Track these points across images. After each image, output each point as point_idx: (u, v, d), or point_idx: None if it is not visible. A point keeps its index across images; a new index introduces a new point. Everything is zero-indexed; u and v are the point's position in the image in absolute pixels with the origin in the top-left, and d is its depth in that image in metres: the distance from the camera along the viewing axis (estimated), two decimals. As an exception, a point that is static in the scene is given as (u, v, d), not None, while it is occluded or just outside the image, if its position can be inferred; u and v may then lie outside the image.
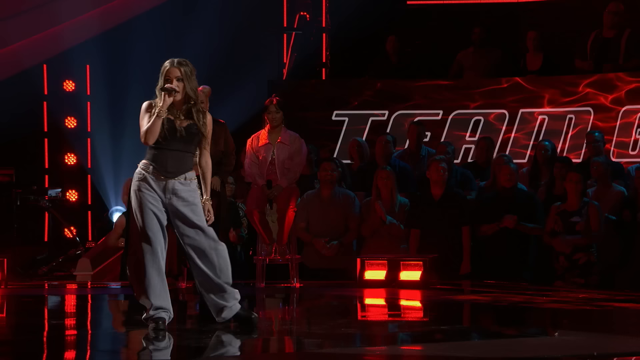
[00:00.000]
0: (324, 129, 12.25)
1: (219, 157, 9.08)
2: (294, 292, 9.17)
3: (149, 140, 6.30)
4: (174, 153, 6.35)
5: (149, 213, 6.34)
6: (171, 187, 6.35)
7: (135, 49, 12.46)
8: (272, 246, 9.32)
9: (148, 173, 6.35)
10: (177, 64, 6.37)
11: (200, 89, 8.99)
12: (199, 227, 6.45)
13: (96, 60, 12.71)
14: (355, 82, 12.74)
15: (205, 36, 12.58)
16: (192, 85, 6.40)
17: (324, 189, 10.03)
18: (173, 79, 6.34)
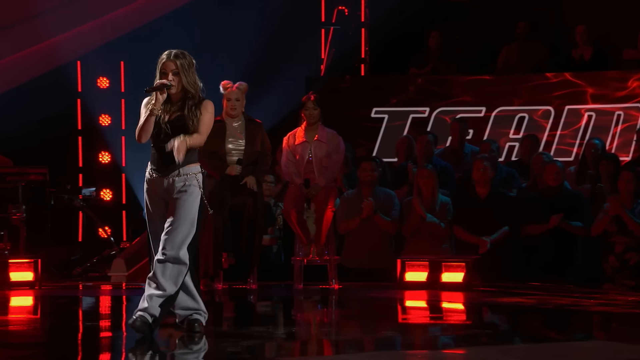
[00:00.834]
0: (363, 126, 12.25)
1: (255, 157, 9.12)
2: (332, 294, 9.17)
3: (141, 139, 6.21)
4: (164, 150, 6.23)
5: (151, 216, 6.31)
6: (167, 184, 6.26)
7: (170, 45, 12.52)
8: (310, 247, 9.33)
9: (149, 174, 6.32)
10: (173, 57, 6.25)
11: (236, 86, 9.07)
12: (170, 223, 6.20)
13: (130, 56, 12.78)
14: (395, 78, 12.73)
15: (241, 32, 12.62)
16: (189, 78, 6.25)
17: (364, 188, 10.02)
18: (169, 72, 6.22)
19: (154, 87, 6.17)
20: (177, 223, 6.19)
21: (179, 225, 6.19)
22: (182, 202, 6.20)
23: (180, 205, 6.20)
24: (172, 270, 6.18)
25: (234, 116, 9.10)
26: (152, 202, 6.32)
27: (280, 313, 8.44)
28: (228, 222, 9.00)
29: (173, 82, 6.19)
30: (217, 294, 8.96)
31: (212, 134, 9.02)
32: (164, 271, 6.17)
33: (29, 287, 9.38)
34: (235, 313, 8.35)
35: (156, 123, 6.21)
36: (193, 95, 6.25)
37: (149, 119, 6.17)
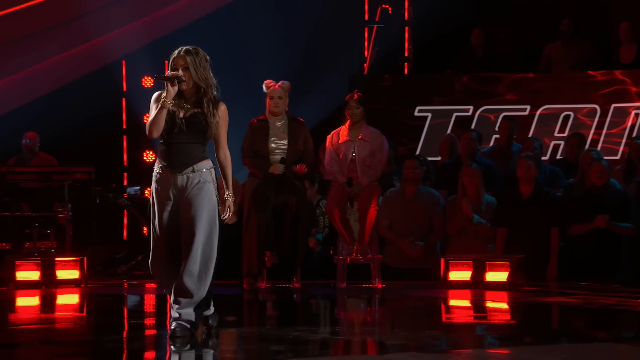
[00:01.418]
0: (406, 124, 12.21)
1: (298, 157, 9.12)
2: (375, 293, 9.15)
3: (152, 133, 6.06)
4: (178, 146, 6.11)
5: (159, 212, 6.13)
6: (179, 182, 6.12)
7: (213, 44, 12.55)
8: (353, 245, 9.31)
9: (159, 170, 6.18)
10: (184, 52, 6.12)
11: (279, 84, 9.08)
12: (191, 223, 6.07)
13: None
14: (438, 76, 12.67)
15: (284, 31, 12.63)
16: (201, 74, 6.12)
17: (408, 187, 9.98)
18: (179, 67, 6.10)
19: (165, 76, 6.07)
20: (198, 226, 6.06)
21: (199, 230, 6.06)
22: (199, 204, 6.08)
23: (199, 207, 6.07)
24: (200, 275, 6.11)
25: (277, 114, 9.11)
26: (160, 200, 6.14)
27: (324, 312, 8.43)
28: (271, 220, 9.01)
29: (184, 77, 6.08)
30: (260, 293, 8.98)
31: (255, 133, 9.15)
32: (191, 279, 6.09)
33: (75, 285, 9.46)
34: (278, 312, 8.36)
35: (170, 118, 6.07)
36: (206, 91, 6.13)
37: (161, 112, 6.03)
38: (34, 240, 10.25)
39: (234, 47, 12.37)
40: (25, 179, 10.56)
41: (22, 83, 12.65)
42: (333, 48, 12.75)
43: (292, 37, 12.54)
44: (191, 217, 6.08)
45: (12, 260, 9.46)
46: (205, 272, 6.15)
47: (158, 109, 6.03)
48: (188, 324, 6.15)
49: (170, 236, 6.14)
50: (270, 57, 12.47)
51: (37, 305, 8.70)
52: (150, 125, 6.06)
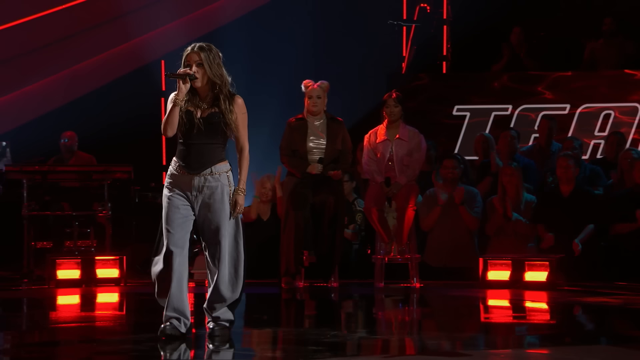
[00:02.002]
0: (444, 123, 12.17)
1: (336, 156, 9.12)
2: (414, 292, 9.13)
3: (167, 132, 5.98)
4: (197, 147, 6.01)
5: (171, 209, 6.04)
6: (197, 183, 6.02)
7: (251, 43, 12.60)
8: (391, 245, 9.30)
9: (175, 170, 6.08)
10: (197, 49, 5.98)
11: (318, 84, 9.08)
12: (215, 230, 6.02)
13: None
14: (477, 75, 12.62)
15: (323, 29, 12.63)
16: (215, 70, 5.98)
17: (447, 185, 9.95)
18: (192, 64, 5.97)
19: (177, 73, 5.96)
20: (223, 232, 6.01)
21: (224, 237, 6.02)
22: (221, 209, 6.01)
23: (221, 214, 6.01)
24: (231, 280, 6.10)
25: (316, 114, 9.12)
26: (175, 199, 6.05)
27: (362, 311, 8.43)
28: (309, 220, 9.02)
29: (197, 73, 5.95)
30: (298, 292, 8.99)
31: (293, 132, 9.16)
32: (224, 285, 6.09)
33: (115, 283, 9.53)
34: (316, 311, 8.37)
35: (188, 119, 5.98)
36: (221, 88, 6.02)
37: (174, 111, 5.95)
38: (74, 239, 10.33)
39: (274, 45, 12.39)
40: (66, 179, 10.65)
41: (62, 83, 12.77)
42: (371, 47, 12.73)
43: (331, 37, 12.54)
44: (215, 225, 6.02)
45: (53, 258, 9.55)
46: (236, 276, 6.13)
47: (170, 107, 5.97)
48: (228, 322, 6.18)
49: (180, 235, 6.05)
50: (309, 56, 12.47)
51: (77, 304, 8.78)
52: (165, 124, 5.99)
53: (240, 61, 12.84)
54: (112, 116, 12.08)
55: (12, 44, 12.55)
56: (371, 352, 6.13)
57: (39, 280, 9.81)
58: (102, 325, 7.34)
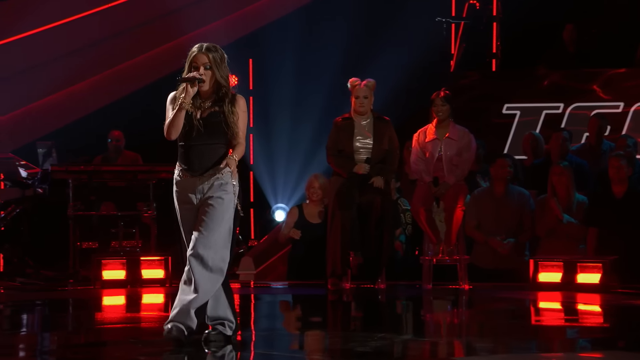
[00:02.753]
0: (494, 122, 12.10)
1: (383, 156, 9.10)
2: (462, 295, 9.09)
3: (171, 135, 5.90)
4: (199, 148, 5.92)
5: (182, 219, 6.00)
6: (201, 185, 5.92)
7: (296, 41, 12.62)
8: (439, 246, 9.27)
9: (179, 175, 5.98)
10: (205, 50, 5.91)
11: (364, 83, 9.07)
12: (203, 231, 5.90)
13: (259, 53, 12.91)
14: (528, 73, 12.53)
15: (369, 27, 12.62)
16: (222, 72, 5.93)
17: (498, 186, 9.90)
18: (200, 66, 5.90)
19: (187, 77, 5.87)
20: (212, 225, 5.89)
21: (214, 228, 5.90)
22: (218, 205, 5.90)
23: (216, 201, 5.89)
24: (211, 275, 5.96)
25: (362, 113, 9.11)
26: (183, 205, 5.98)
27: (409, 313, 8.41)
28: (356, 220, 9.01)
29: (204, 76, 5.90)
30: (344, 294, 8.99)
31: (339, 131, 9.16)
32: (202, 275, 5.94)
33: (160, 284, 9.59)
34: (363, 313, 8.36)
35: (187, 120, 5.90)
36: (226, 90, 5.95)
37: (179, 114, 5.86)
38: (119, 240, 10.41)
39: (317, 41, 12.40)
40: (111, 178, 10.73)
41: (109, 82, 12.87)
42: (420, 45, 12.69)
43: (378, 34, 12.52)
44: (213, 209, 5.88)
45: (99, 259, 9.62)
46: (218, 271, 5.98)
47: (176, 109, 5.87)
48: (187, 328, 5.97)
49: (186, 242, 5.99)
50: (355, 54, 12.46)
51: (123, 305, 8.84)
52: (169, 127, 5.90)
53: (285, 60, 12.92)
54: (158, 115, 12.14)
55: (58, 43, 12.68)
56: (419, 356, 6.11)
57: (85, 281, 9.90)
58: (148, 326, 7.39)
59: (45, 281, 10.36)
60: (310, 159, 12.42)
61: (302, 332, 6.85)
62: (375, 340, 6.32)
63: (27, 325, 7.74)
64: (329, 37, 12.53)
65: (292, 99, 12.76)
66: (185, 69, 5.94)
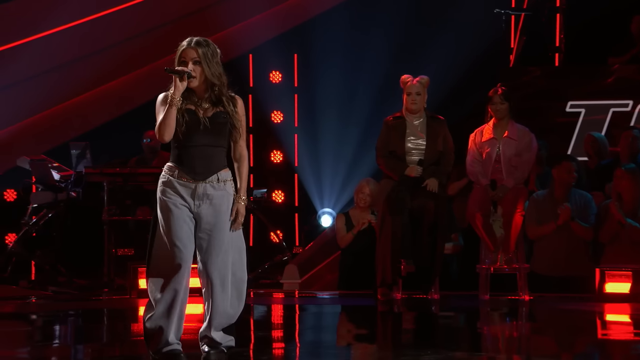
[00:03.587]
0: (556, 121, 12.05)
1: (437, 157, 9.09)
2: (522, 306, 9.06)
3: (164, 135, 5.75)
4: (201, 150, 5.80)
5: (177, 221, 5.74)
6: (202, 191, 5.78)
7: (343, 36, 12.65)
8: (497, 253, 9.24)
9: (174, 177, 5.79)
10: (194, 44, 5.78)
11: (417, 79, 9.08)
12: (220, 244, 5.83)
13: (304, 48, 12.95)
14: (593, 68, 12.45)
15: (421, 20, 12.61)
16: (213, 69, 5.78)
17: (559, 189, 9.85)
18: (189, 61, 5.76)
19: (176, 69, 5.74)
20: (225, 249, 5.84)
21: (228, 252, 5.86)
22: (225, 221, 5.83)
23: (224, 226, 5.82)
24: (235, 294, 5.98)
25: (415, 112, 9.11)
26: (177, 208, 5.76)
27: (465, 326, 8.40)
28: (407, 226, 9.02)
29: (194, 72, 5.76)
30: (395, 304, 9.00)
31: (390, 131, 9.17)
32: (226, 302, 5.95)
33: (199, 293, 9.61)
34: (415, 325, 8.36)
35: (191, 118, 5.77)
36: (221, 89, 5.83)
37: (171, 112, 5.71)
38: (156, 246, 10.47)
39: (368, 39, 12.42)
40: (148, 181, 10.79)
41: (144, 80, 12.96)
42: (476, 39, 12.67)
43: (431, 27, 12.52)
44: (220, 239, 5.83)
45: (135, 267, 9.68)
46: (238, 296, 6.00)
47: (167, 108, 5.73)
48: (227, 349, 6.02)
49: (190, 251, 5.81)
50: (407, 49, 12.47)
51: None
52: (160, 127, 5.74)
53: (331, 55, 12.95)
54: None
55: (90, 40, 12.80)
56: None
57: (120, 290, 10.00)
58: (185, 338, 7.44)
59: (78, 290, 10.49)
60: (359, 160, 12.43)
61: (350, 346, 6.85)
62: (428, 355, 6.32)
63: (60, 337, 7.84)
64: (378, 31, 12.54)
65: (339, 96, 12.80)
66: (175, 64, 5.82)
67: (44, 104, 12.77)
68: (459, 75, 12.28)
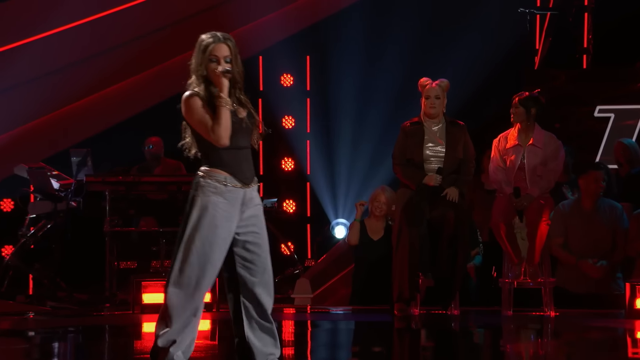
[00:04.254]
0: (584, 127, 12.06)
1: (457, 165, 9.11)
2: (548, 322, 9.06)
3: (226, 139, 5.67)
4: (244, 152, 5.83)
5: (222, 241, 5.75)
6: (249, 196, 5.82)
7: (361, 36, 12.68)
8: (521, 266, 9.24)
9: (224, 183, 5.76)
10: (224, 39, 5.74)
11: (436, 83, 9.10)
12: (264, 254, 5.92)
13: (317, 50, 12.98)
14: (624, 70, 12.46)
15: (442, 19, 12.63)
16: (239, 66, 5.79)
17: (587, 199, 9.86)
18: (221, 59, 5.73)
19: (227, 70, 5.70)
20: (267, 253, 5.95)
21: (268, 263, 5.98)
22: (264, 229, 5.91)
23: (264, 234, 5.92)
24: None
25: (434, 116, 9.12)
26: (225, 219, 5.75)
27: (487, 344, 8.40)
28: (426, 238, 9.03)
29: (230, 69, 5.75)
30: (413, 321, 9.01)
31: (408, 138, 9.18)
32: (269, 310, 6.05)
33: (206, 309, 9.64)
34: (434, 343, 8.37)
35: (233, 119, 5.74)
36: (241, 88, 5.83)
37: (226, 113, 5.66)
38: (161, 259, 10.51)
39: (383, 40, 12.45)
40: (152, 190, 10.80)
41: (147, 84, 13.00)
42: (500, 40, 12.69)
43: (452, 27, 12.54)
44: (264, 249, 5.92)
45: (138, 280, 9.71)
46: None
47: (222, 109, 5.66)
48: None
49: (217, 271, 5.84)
50: (426, 51, 12.49)
51: (164, 331, 8.92)
52: (223, 131, 5.67)
53: (346, 58, 12.98)
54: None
55: (91, 41, 12.84)
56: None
57: (122, 305, 10.02)
58: (193, 356, 7.47)
59: (78, 305, 10.52)
60: (374, 168, 12.46)
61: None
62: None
63: (59, 355, 7.86)
64: (394, 32, 12.57)
65: (354, 100, 12.83)
66: (200, 61, 5.75)
67: (42, 109, 12.81)
68: (480, 79, 12.30)
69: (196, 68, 5.78)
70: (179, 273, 5.79)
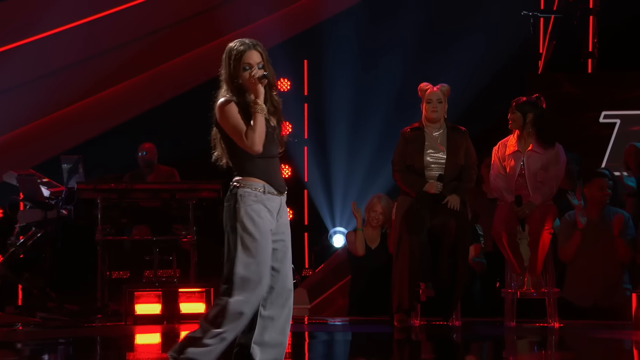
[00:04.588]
0: (589, 132, 12.08)
1: (458, 172, 9.12)
2: (551, 334, 9.07)
3: (260, 146, 5.76)
4: (276, 160, 5.92)
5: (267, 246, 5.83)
6: (282, 203, 5.92)
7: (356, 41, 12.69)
8: (523, 276, 9.25)
9: (264, 192, 5.83)
10: (255, 46, 5.84)
11: (437, 87, 9.12)
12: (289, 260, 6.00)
13: (314, 54, 12.99)
14: (630, 75, 12.48)
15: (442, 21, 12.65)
16: (271, 70, 5.89)
17: (592, 208, 9.87)
18: (254, 65, 5.81)
19: (264, 74, 5.80)
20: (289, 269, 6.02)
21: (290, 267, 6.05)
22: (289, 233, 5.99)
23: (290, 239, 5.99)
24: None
25: (435, 121, 9.14)
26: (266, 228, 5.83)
27: (489, 356, 8.41)
28: (427, 246, 9.04)
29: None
30: (413, 332, 9.01)
31: (408, 144, 9.20)
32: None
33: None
34: (435, 354, 8.38)
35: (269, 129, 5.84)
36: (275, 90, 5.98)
37: (262, 120, 5.77)
38: (154, 269, 10.51)
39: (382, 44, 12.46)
40: (145, 198, 10.80)
41: (141, 88, 13.01)
42: (501, 43, 12.71)
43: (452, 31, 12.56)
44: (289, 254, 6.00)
45: (131, 291, 9.73)
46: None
47: (258, 116, 5.75)
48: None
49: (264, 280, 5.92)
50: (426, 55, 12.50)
51: (158, 344, 8.93)
52: (258, 138, 5.75)
53: (344, 62, 13.00)
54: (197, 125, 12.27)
55: (84, 44, 12.85)
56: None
57: (115, 316, 10.02)
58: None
59: (69, 316, 10.52)
60: (374, 175, 12.46)
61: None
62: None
63: (49, 367, 7.88)
64: (393, 35, 12.58)
65: (353, 106, 12.85)
66: (234, 70, 5.82)
67: (32, 114, 12.82)
68: (482, 83, 12.32)
69: (229, 77, 5.84)
70: (242, 282, 5.89)
